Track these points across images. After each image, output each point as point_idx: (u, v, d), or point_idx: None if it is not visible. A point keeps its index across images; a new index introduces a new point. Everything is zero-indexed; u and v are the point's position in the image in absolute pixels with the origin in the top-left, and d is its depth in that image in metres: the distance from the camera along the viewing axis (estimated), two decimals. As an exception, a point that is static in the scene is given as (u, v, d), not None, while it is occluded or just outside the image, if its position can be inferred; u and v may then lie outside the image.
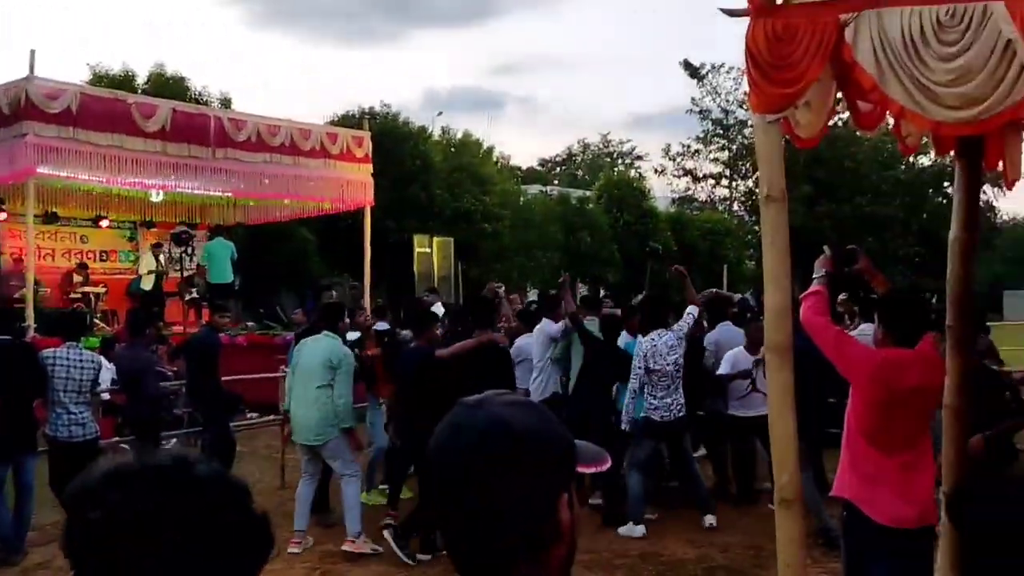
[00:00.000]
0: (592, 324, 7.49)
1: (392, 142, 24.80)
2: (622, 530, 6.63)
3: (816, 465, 6.54)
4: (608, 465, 1.17)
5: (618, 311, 8.83)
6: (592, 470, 1.15)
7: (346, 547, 6.16)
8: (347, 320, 7.15)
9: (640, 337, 7.04)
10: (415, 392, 6.06)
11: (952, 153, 3.64)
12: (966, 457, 3.67)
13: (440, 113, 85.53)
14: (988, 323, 9.67)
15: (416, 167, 25.58)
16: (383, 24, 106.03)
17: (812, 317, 3.41)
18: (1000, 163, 3.73)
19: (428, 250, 16.51)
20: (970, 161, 3.59)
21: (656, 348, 6.65)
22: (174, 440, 8.67)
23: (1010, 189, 4.55)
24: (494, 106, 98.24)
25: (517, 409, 1.09)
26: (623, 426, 6.79)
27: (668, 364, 6.66)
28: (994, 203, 42.77)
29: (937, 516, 3.56)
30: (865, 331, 6.95)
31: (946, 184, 35.57)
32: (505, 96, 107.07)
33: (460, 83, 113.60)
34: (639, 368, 6.68)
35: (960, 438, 3.60)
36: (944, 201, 35.72)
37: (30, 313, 10.75)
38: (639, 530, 6.58)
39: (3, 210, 13.00)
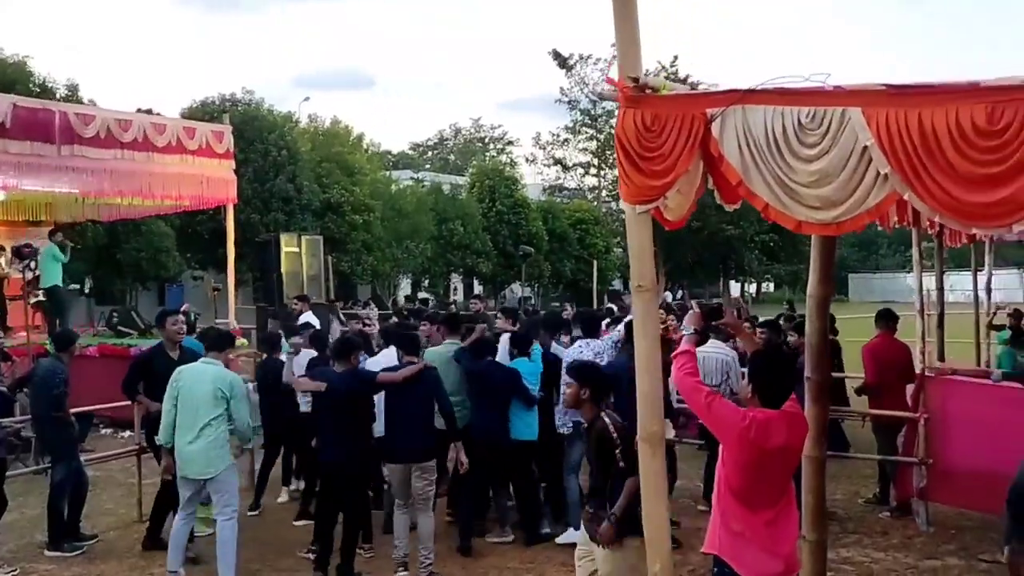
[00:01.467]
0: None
1: (255, 131, 23.95)
2: (561, 538, 6.68)
3: None
4: None
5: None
6: None
7: None
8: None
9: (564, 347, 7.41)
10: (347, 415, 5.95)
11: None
12: (823, 505, 3.85)
13: (307, 99, 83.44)
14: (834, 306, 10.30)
15: (282, 157, 24.78)
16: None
17: (683, 378, 3.48)
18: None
19: (296, 249, 15.96)
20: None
21: (583, 355, 6.75)
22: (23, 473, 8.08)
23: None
24: (365, 86, 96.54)
25: None
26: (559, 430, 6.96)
27: None
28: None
29: (799, 565, 3.74)
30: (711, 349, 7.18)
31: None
32: (376, 76, 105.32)
33: (329, 62, 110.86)
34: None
35: (820, 487, 3.77)
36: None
37: None
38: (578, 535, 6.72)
39: None
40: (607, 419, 3.97)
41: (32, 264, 13.13)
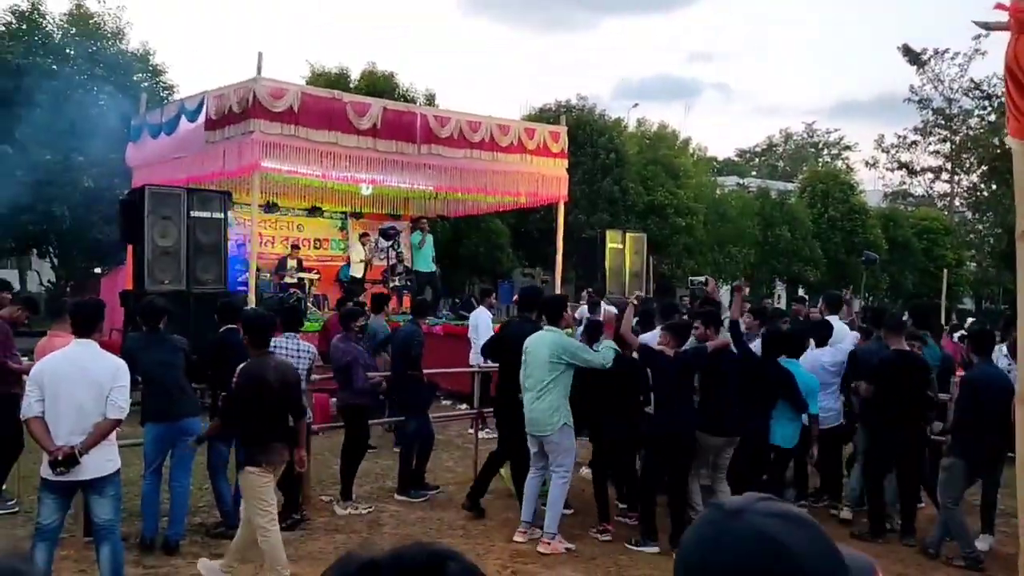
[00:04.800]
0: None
1: (587, 135, 24.89)
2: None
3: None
4: None
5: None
6: None
7: (541, 548, 6.27)
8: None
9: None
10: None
11: None
12: None
13: (636, 105, 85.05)
14: None
15: (610, 160, 25.53)
16: (578, 12, 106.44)
17: None
18: None
19: (620, 246, 16.33)
20: None
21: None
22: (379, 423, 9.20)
23: None
24: (690, 94, 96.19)
25: (788, 525, 0.96)
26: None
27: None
28: None
29: None
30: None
31: None
32: (701, 84, 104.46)
33: (655, 72, 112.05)
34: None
35: None
36: None
37: (252, 298, 11.72)
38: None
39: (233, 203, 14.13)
40: None
41: (395, 244, 14.85)
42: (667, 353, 6.40)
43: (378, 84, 21.78)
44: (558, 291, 15.28)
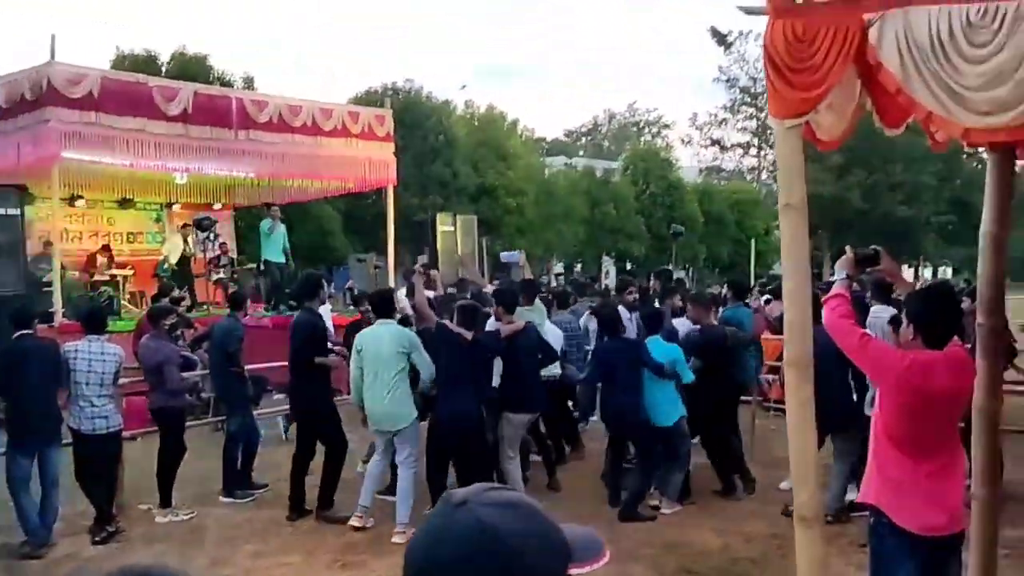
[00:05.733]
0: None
1: (415, 118, 24.74)
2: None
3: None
4: (606, 558, 1.08)
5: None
6: (586, 569, 1.04)
7: (396, 539, 6.14)
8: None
9: None
10: None
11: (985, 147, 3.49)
12: (996, 461, 3.56)
13: (464, 87, 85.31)
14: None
15: (439, 143, 25.52)
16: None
17: (836, 320, 3.30)
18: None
19: (451, 228, 16.42)
20: (1003, 154, 3.44)
21: None
22: (203, 423, 8.76)
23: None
24: (519, 76, 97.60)
25: (507, 513, 0.98)
26: None
27: None
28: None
29: (967, 522, 3.47)
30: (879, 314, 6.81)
31: (981, 149, 34.75)
32: (529, 66, 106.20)
33: (484, 53, 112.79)
34: None
35: (991, 442, 3.48)
36: (979, 166, 34.90)
37: (57, 298, 10.88)
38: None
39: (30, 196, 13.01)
40: None
41: (211, 235, 14.06)
42: (465, 336, 6.40)
43: (190, 68, 20.67)
44: (391, 276, 15.19)
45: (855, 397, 6.25)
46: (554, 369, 7.50)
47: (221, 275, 14.30)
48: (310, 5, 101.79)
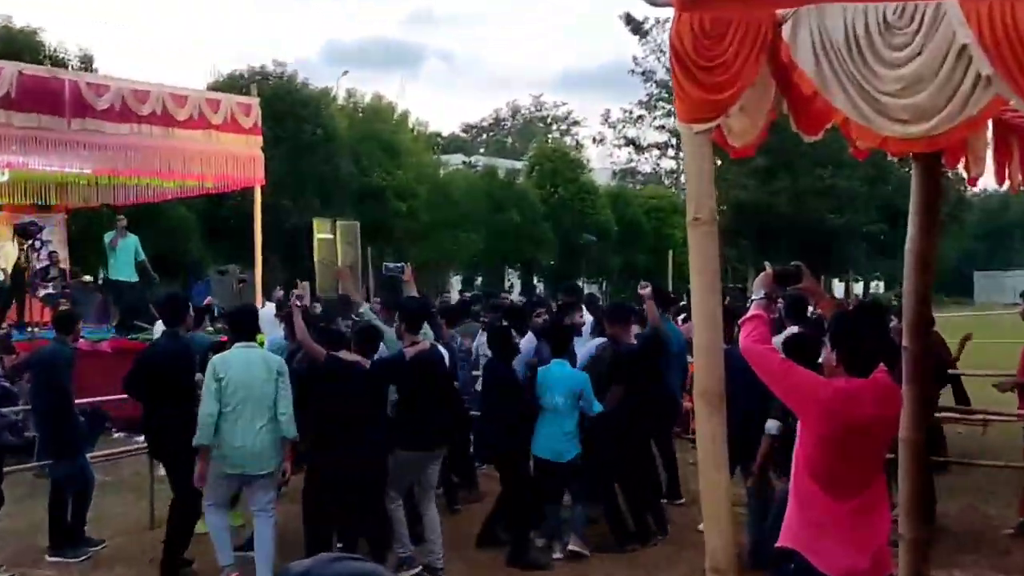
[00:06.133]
0: None
1: (288, 108, 24.36)
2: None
3: None
4: None
5: None
6: None
7: None
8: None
9: None
10: None
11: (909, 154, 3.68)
12: (925, 496, 3.73)
13: (346, 72, 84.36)
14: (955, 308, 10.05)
15: (317, 137, 25.20)
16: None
17: (752, 345, 3.39)
18: (961, 161, 3.78)
19: (330, 235, 16.20)
20: (928, 163, 3.63)
21: None
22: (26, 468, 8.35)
23: (973, 186, 4.62)
24: (410, 62, 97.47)
25: None
26: None
27: None
28: (964, 175, 44.29)
29: (893, 564, 3.62)
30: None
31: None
32: (423, 51, 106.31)
33: (369, 34, 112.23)
34: None
35: (918, 476, 3.65)
36: (909, 171, 36.82)
37: None
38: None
39: None
40: None
41: (37, 243, 13.46)
42: (363, 364, 6.34)
43: (16, 43, 19.78)
44: (258, 291, 14.84)
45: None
46: None
47: (50, 290, 13.70)
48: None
